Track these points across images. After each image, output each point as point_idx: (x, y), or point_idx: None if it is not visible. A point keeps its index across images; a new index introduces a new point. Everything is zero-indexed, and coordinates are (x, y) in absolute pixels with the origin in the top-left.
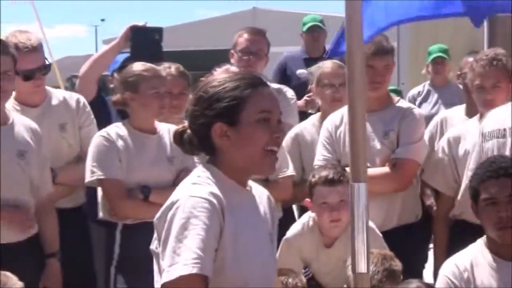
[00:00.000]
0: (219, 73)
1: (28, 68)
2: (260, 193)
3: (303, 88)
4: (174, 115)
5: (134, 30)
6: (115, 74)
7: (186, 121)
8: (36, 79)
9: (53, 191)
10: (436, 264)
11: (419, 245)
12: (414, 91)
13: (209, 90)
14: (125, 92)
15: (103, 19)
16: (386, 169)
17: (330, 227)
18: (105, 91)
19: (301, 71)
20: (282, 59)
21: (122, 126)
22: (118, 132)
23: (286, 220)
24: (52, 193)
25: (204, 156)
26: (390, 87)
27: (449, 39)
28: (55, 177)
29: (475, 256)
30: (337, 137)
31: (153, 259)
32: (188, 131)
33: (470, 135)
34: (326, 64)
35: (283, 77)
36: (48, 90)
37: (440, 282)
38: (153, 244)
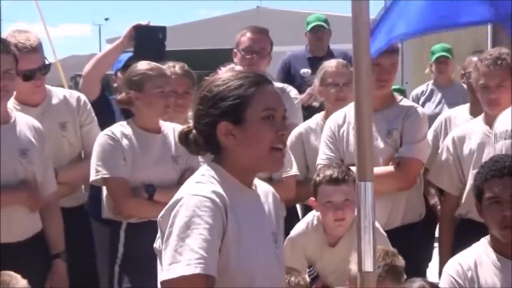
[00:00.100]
0: (223, 72)
1: (28, 68)
2: (265, 191)
3: (306, 87)
4: (179, 114)
5: (138, 29)
6: (118, 73)
7: (191, 120)
8: (36, 79)
9: (57, 189)
10: (442, 263)
11: (422, 244)
12: (417, 91)
13: (213, 89)
14: (130, 91)
15: (107, 18)
16: (390, 168)
17: (334, 226)
18: (109, 90)
19: (305, 70)
20: (286, 58)
21: (127, 125)
22: (122, 131)
23: (290, 219)
24: (55, 192)
25: (209, 155)
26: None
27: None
28: (56, 176)
29: (479, 255)
30: (340, 136)
31: (157, 258)
32: (194, 131)
33: (475, 135)
34: (330, 63)
35: (287, 76)
36: (48, 89)
37: (444, 281)
38: (157, 242)
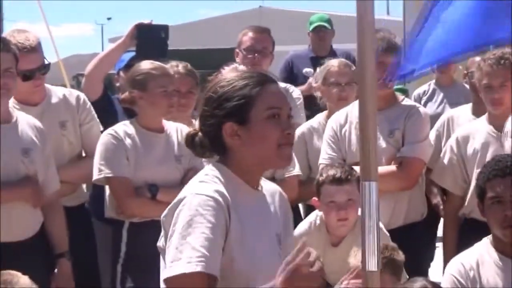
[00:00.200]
0: (227, 71)
1: (27, 68)
2: (272, 191)
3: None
4: (182, 113)
5: (140, 28)
6: (121, 73)
7: (193, 120)
8: (35, 79)
9: (59, 188)
10: (446, 262)
11: (424, 243)
12: (419, 90)
13: (218, 90)
14: (133, 90)
15: (109, 18)
16: (392, 167)
17: (337, 226)
18: (111, 89)
19: (308, 70)
20: (289, 57)
21: (130, 124)
22: (126, 131)
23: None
24: (57, 191)
25: (213, 156)
26: (396, 86)
27: None
28: None
29: (481, 254)
30: (342, 136)
31: (160, 256)
32: (199, 133)
33: (478, 134)
34: (332, 63)
35: (289, 76)
36: (47, 88)
37: (446, 280)
38: (160, 241)
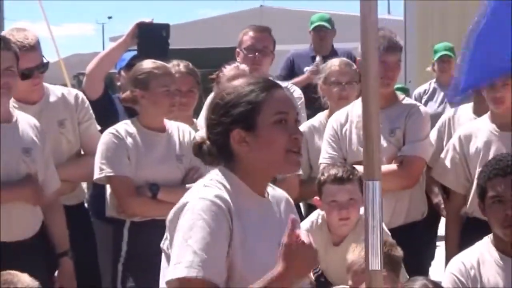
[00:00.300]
0: (228, 71)
1: (26, 66)
2: (278, 199)
3: (310, 85)
4: (183, 112)
5: (141, 27)
6: (122, 72)
7: (194, 119)
8: (34, 77)
9: (59, 186)
10: (448, 262)
11: (425, 242)
12: (420, 89)
13: (224, 97)
14: (135, 89)
15: (110, 17)
16: (393, 166)
17: (339, 225)
18: (112, 88)
19: (309, 68)
20: (290, 55)
21: (131, 123)
22: (127, 130)
23: None
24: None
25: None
26: (397, 85)
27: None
28: None
29: (482, 253)
30: (342, 135)
31: (161, 256)
32: (207, 142)
33: (481, 133)
34: (333, 62)
35: (290, 74)
36: (46, 87)
37: (447, 279)
38: (164, 243)
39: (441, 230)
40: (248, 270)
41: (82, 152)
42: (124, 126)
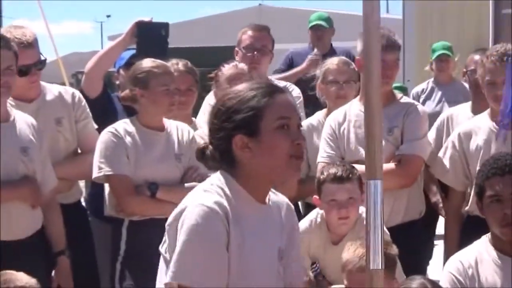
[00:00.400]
0: (227, 69)
1: (23, 63)
2: (279, 205)
3: (308, 83)
4: (182, 111)
5: (140, 26)
6: (121, 71)
7: (193, 118)
8: (31, 74)
9: (57, 185)
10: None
11: (423, 241)
12: (418, 88)
13: (226, 102)
14: (134, 88)
15: (109, 16)
16: (391, 165)
17: (338, 224)
18: (111, 87)
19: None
20: (289, 53)
21: (130, 122)
22: (126, 129)
23: None
24: (55, 188)
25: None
26: (396, 84)
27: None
28: None
29: (480, 252)
30: (340, 134)
31: (159, 258)
32: (210, 147)
33: (481, 131)
34: (331, 61)
35: (288, 70)
36: (43, 85)
37: (445, 279)
38: (163, 247)
39: (439, 229)
40: (241, 279)
41: (79, 151)
42: (123, 125)
